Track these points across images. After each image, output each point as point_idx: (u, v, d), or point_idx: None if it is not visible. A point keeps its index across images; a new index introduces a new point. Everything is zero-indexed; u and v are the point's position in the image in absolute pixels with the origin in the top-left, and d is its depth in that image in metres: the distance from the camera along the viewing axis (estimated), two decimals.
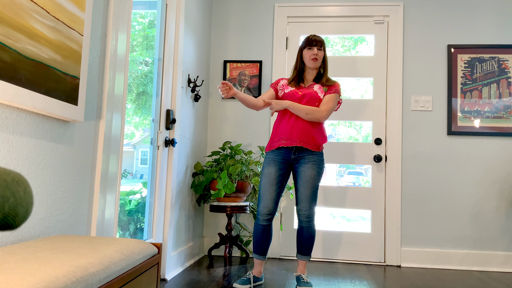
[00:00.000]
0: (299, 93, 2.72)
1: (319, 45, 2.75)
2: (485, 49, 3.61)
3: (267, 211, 2.65)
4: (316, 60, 2.73)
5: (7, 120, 1.28)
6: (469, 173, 3.55)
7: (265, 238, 2.69)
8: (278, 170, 2.67)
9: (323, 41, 2.78)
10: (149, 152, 2.75)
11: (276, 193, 2.67)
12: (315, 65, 2.74)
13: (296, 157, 2.68)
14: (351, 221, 3.73)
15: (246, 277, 2.67)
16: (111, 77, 1.89)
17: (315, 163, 2.66)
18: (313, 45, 2.75)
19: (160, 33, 2.80)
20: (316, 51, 2.74)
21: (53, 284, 0.84)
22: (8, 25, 1.21)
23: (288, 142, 2.66)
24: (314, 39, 2.77)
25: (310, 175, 2.65)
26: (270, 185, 2.66)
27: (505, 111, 3.56)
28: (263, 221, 2.67)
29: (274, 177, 2.66)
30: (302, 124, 2.67)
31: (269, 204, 2.65)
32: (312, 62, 2.74)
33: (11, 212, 0.61)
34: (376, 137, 3.67)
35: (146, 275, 1.34)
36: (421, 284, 2.90)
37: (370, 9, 3.75)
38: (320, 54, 2.75)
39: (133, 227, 2.71)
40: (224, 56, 3.87)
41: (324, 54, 2.79)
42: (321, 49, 2.76)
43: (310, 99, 2.69)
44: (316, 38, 2.78)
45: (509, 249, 3.46)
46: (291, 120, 2.68)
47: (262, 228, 2.67)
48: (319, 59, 2.75)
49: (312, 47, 2.75)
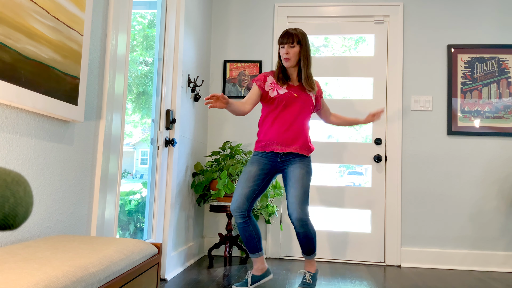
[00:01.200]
0: (294, 95, 2.55)
1: (291, 41, 2.49)
2: (485, 49, 3.61)
3: (235, 207, 2.49)
4: (288, 60, 2.50)
5: (7, 120, 1.28)
6: (469, 173, 3.55)
7: (248, 235, 2.52)
8: (260, 169, 2.53)
9: (296, 35, 2.50)
10: (149, 152, 2.75)
11: (250, 190, 2.49)
12: (287, 65, 2.52)
13: (284, 160, 2.55)
14: (351, 221, 3.73)
15: (245, 279, 2.58)
16: (111, 77, 1.89)
17: (304, 164, 2.53)
18: (284, 42, 2.50)
19: (160, 33, 2.80)
20: (287, 49, 2.49)
21: (53, 284, 0.84)
22: (8, 25, 1.21)
23: (283, 148, 2.52)
24: (285, 34, 2.50)
25: (299, 174, 2.49)
26: (245, 181, 2.50)
27: (505, 111, 3.56)
28: (237, 218, 2.51)
29: (253, 174, 2.51)
30: (297, 128, 2.54)
31: (238, 199, 2.48)
32: (285, 61, 2.51)
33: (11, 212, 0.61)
34: (376, 137, 3.67)
35: (146, 275, 1.34)
36: (421, 284, 2.90)
37: (370, 9, 3.75)
38: (293, 52, 2.49)
39: (133, 227, 2.71)
40: (224, 56, 3.87)
41: (300, 48, 2.51)
42: (294, 45, 2.49)
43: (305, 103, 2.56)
44: (288, 31, 2.50)
45: (509, 249, 3.46)
46: (286, 123, 2.53)
47: (240, 227, 2.53)
48: (292, 57, 2.50)
49: (283, 45, 2.51)
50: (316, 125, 3.84)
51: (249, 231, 2.52)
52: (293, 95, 2.54)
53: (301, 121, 2.57)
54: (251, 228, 2.53)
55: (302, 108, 2.56)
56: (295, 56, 2.51)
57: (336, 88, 3.81)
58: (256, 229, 2.56)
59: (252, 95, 2.56)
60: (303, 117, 2.58)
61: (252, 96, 2.55)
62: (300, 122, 2.57)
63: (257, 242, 2.56)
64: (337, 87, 3.82)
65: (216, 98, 2.21)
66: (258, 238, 2.57)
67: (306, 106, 2.57)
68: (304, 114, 2.59)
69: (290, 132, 2.53)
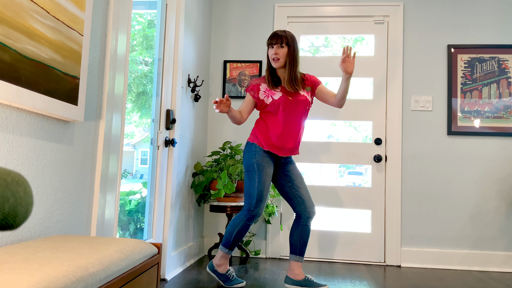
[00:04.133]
0: (289, 98, 2.55)
1: (280, 41, 2.51)
2: (485, 49, 3.61)
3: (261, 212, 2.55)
4: (277, 60, 2.52)
5: (7, 120, 1.28)
6: (469, 173, 3.55)
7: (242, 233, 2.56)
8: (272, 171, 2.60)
9: (285, 36, 2.52)
10: (149, 152, 2.75)
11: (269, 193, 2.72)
12: (276, 65, 2.54)
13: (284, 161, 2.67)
14: (351, 221, 3.73)
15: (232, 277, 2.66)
16: (111, 77, 1.89)
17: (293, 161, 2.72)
18: (273, 43, 2.53)
19: (160, 33, 2.80)
20: (276, 49, 2.52)
21: (53, 284, 0.84)
22: (8, 25, 1.21)
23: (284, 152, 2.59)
24: (274, 35, 2.53)
25: (299, 173, 2.67)
26: (268, 184, 2.55)
27: (505, 111, 3.56)
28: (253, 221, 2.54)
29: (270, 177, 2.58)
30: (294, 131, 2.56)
31: (264, 203, 2.54)
32: (274, 62, 2.53)
33: (11, 212, 0.61)
34: (376, 137, 3.67)
35: (146, 275, 1.34)
36: (421, 284, 2.90)
37: (370, 9, 3.75)
38: (282, 52, 2.51)
39: (133, 227, 2.71)
40: (224, 56, 3.87)
41: (288, 49, 2.53)
42: (283, 46, 2.52)
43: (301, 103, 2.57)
44: (277, 33, 2.53)
45: (509, 249, 3.46)
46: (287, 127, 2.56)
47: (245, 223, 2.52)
48: (281, 57, 2.52)
49: (272, 46, 2.54)
50: (316, 125, 3.84)
51: (247, 231, 2.58)
52: (287, 99, 2.55)
53: (297, 123, 2.59)
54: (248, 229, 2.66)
55: (298, 109, 2.57)
56: (284, 57, 2.53)
57: (336, 88, 3.81)
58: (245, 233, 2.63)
59: (247, 105, 2.64)
60: (300, 118, 2.61)
61: (247, 105, 2.64)
62: (297, 124, 2.59)
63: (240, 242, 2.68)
64: (337, 87, 3.82)
65: (220, 101, 2.35)
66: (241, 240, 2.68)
67: (302, 106, 2.57)
68: (301, 114, 2.61)
69: (294, 137, 2.59)
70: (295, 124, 2.58)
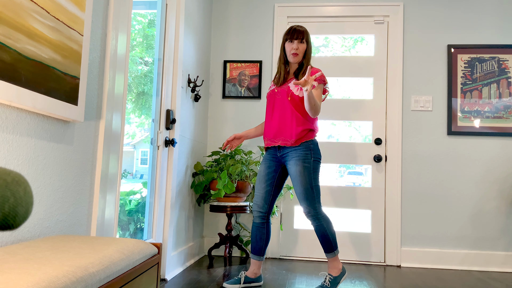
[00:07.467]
0: (275, 91, 2.64)
1: (301, 37, 2.56)
2: (485, 49, 3.61)
3: (257, 208, 2.66)
4: (296, 55, 2.57)
5: (7, 120, 1.28)
6: (469, 173, 3.55)
7: (259, 237, 2.64)
8: (267, 168, 2.65)
9: (305, 32, 2.58)
10: (149, 152, 2.75)
11: (266, 191, 2.63)
12: (295, 60, 2.58)
13: (282, 154, 2.61)
14: (351, 221, 3.73)
15: (237, 277, 2.65)
16: (111, 77, 1.89)
17: (299, 159, 2.52)
18: (294, 38, 2.56)
19: (160, 33, 2.80)
20: (296, 44, 2.56)
21: (53, 284, 0.84)
22: (8, 25, 1.21)
23: (270, 142, 2.64)
24: (295, 31, 2.56)
25: (295, 172, 2.52)
26: (259, 182, 2.66)
27: (505, 111, 3.56)
28: (256, 218, 2.67)
29: (263, 175, 2.65)
30: (282, 122, 2.58)
31: (258, 201, 2.65)
32: (292, 57, 2.57)
33: (11, 212, 0.61)
34: (376, 137, 3.67)
35: (146, 275, 1.34)
36: (421, 284, 2.89)
37: (370, 9, 3.75)
38: (301, 48, 2.57)
39: (133, 227, 2.71)
40: (224, 56, 3.87)
41: (306, 46, 2.59)
42: (303, 42, 2.57)
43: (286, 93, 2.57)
44: (298, 28, 2.57)
45: (509, 249, 3.46)
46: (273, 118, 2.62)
47: (255, 226, 2.67)
48: (300, 53, 2.57)
49: (292, 40, 2.57)
50: None
51: (262, 233, 2.65)
52: (273, 91, 2.65)
53: (284, 114, 2.59)
54: (264, 231, 2.65)
55: (284, 100, 2.60)
56: (302, 52, 2.59)
57: (336, 88, 3.81)
58: (268, 234, 2.68)
59: None
60: (286, 109, 2.59)
61: None
62: (284, 115, 2.59)
63: (264, 246, 2.67)
64: (337, 87, 3.82)
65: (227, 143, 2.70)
66: (266, 243, 2.68)
67: (285, 97, 2.59)
68: (286, 105, 2.59)
69: (276, 126, 2.61)
70: (281, 115, 2.59)
